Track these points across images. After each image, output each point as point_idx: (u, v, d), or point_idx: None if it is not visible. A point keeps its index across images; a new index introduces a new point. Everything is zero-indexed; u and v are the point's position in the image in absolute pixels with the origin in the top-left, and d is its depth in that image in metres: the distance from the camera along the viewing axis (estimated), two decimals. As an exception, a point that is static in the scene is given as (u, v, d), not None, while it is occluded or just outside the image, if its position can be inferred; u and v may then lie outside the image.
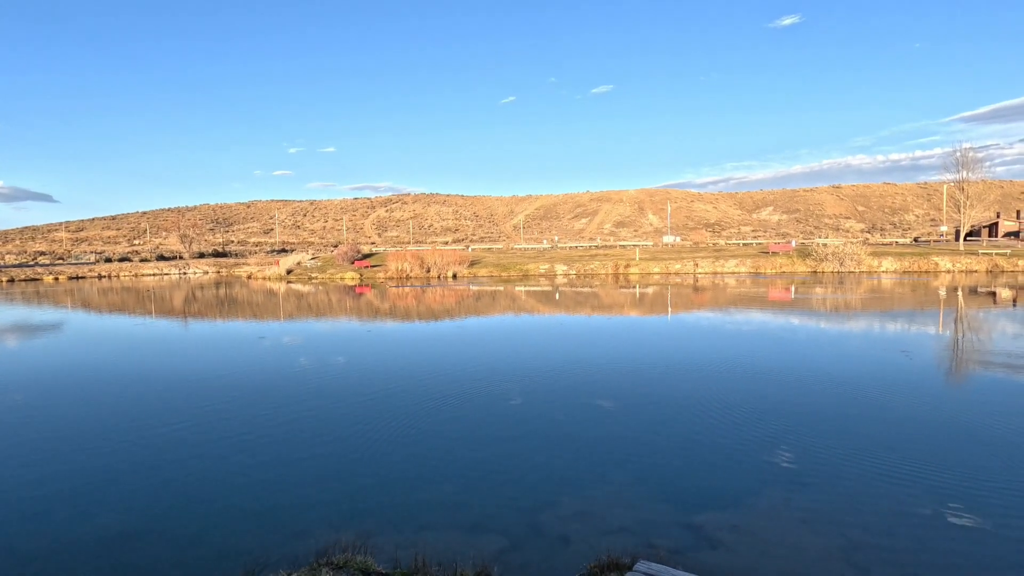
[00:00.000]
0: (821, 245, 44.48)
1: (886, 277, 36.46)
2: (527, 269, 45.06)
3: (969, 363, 12.48)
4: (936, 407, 9.02)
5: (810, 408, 9.02)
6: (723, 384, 10.57)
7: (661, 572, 3.65)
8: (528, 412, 9.09)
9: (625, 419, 8.64)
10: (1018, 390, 9.92)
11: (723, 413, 8.77)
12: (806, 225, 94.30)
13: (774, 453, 7.06)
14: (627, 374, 11.55)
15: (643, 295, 29.33)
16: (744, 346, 14.44)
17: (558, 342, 16.10)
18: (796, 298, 26.06)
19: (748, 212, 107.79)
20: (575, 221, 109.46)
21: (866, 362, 12.38)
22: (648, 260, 45.79)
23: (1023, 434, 7.65)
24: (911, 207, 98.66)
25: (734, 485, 6.16)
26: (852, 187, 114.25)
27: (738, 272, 41.89)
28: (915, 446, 7.27)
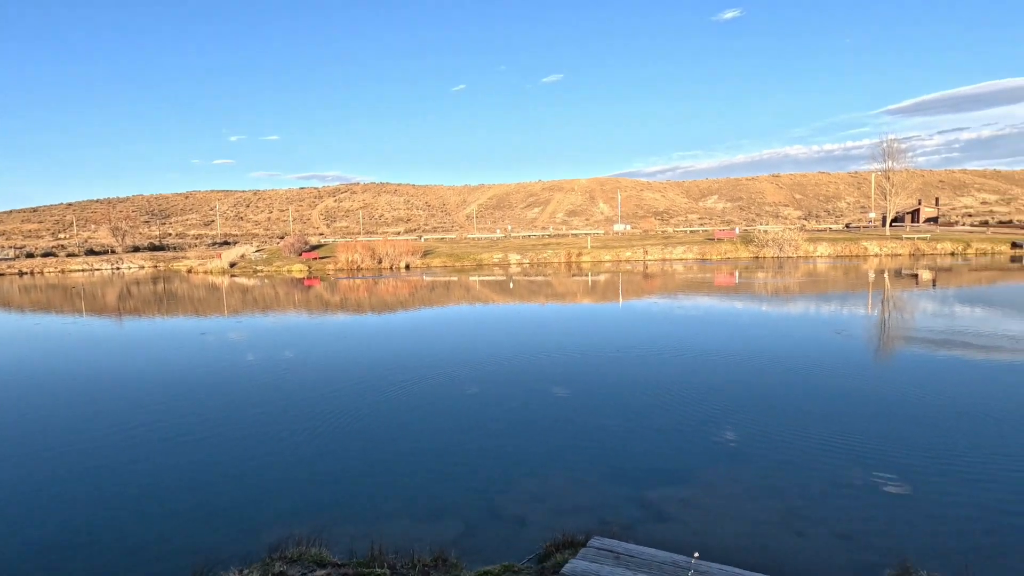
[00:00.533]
0: (762, 232, 46.44)
1: (821, 261, 38.49)
2: (481, 259, 44.98)
3: (895, 340, 13.38)
4: (867, 382, 9.64)
5: (753, 387, 9.46)
6: (673, 367, 10.95)
7: (614, 546, 3.77)
8: (485, 400, 9.12)
9: (580, 403, 8.81)
10: (939, 365, 10.74)
11: (673, 394, 9.08)
12: (749, 213, 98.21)
13: (720, 430, 7.38)
14: (581, 360, 11.76)
15: (595, 283, 29.84)
16: (692, 330, 14.97)
17: (513, 331, 16.20)
18: (740, 283, 27.15)
19: (695, 200, 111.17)
20: (528, 210, 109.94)
21: (804, 342, 13.07)
22: (600, 248, 46.57)
23: (945, 405, 8.30)
24: (843, 195, 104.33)
25: (683, 462, 6.41)
26: (790, 176, 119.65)
27: (686, 259, 43.23)
28: (848, 419, 7.75)
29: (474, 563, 3.89)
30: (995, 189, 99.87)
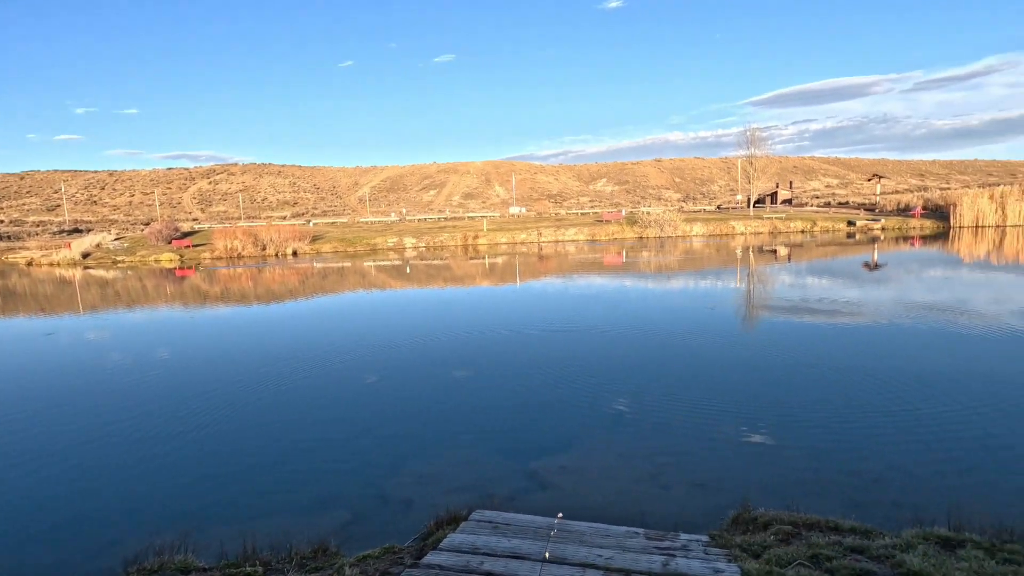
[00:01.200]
0: (645, 213, 49.48)
1: (697, 240, 41.88)
2: (375, 243, 43.64)
3: (759, 310, 14.97)
4: (733, 348, 10.73)
5: (635, 358, 10.17)
6: (565, 343, 11.44)
7: (495, 517, 3.91)
8: (381, 388, 8.96)
9: (477, 384, 8.95)
10: (796, 330, 12.20)
11: (561, 370, 9.51)
12: (634, 195, 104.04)
13: (603, 400, 7.87)
14: (481, 343, 11.90)
15: (493, 265, 30.18)
16: (583, 308, 15.69)
17: (412, 316, 15.99)
18: (627, 262, 28.81)
19: (585, 184, 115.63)
20: (423, 193, 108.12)
21: (682, 314, 14.23)
22: (495, 231, 47.06)
23: (801, 367, 9.45)
24: (716, 178, 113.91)
25: (565, 433, 6.77)
26: (670, 161, 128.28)
27: (577, 240, 44.99)
28: (717, 382, 8.60)
29: (358, 550, 3.86)
30: (836, 174, 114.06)
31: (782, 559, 3.25)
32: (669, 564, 3.14)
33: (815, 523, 3.97)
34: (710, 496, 5.08)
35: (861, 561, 3.21)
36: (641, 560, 3.19)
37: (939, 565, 3.06)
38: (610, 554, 3.24)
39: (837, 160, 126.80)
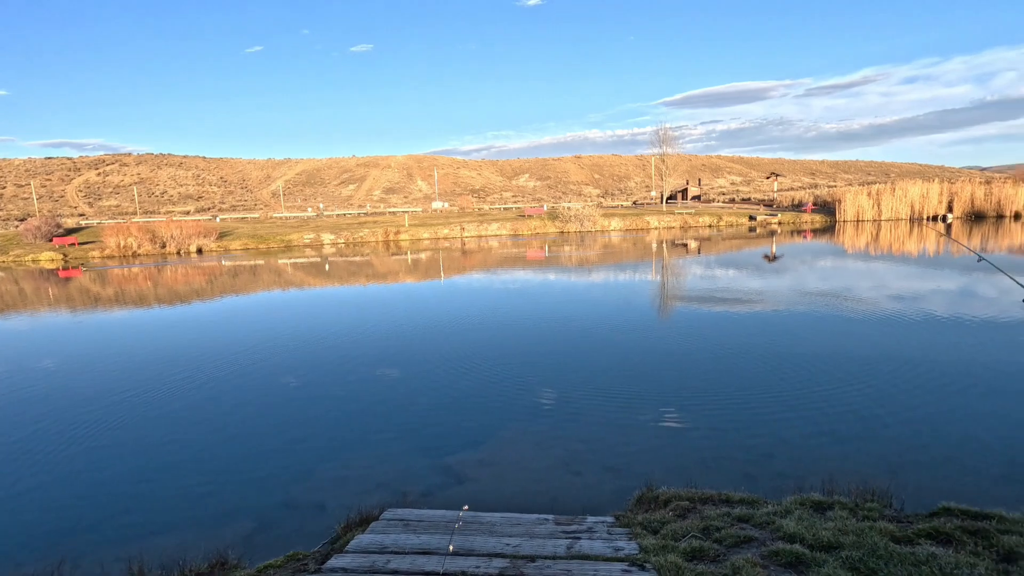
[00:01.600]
0: (566, 209, 50.65)
1: (615, 234, 43.45)
2: (290, 239, 41.67)
3: (672, 300, 15.77)
4: (648, 337, 11.25)
5: (555, 351, 10.41)
6: (486, 338, 11.50)
7: (407, 515, 3.89)
8: (301, 390, 8.60)
9: (399, 383, 8.80)
10: (704, 318, 12.96)
11: (484, 364, 9.56)
12: (556, 191, 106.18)
13: (521, 392, 8.01)
14: (404, 340, 11.70)
15: (416, 261, 29.73)
16: (506, 302, 15.83)
17: (332, 315, 15.43)
18: (549, 256, 29.37)
19: (508, 179, 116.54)
20: (342, 187, 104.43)
21: (601, 307, 14.71)
22: (418, 226, 46.39)
23: (707, 352, 10.05)
24: (632, 175, 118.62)
25: (485, 426, 6.83)
26: (590, 157, 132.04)
27: (500, 235, 45.29)
28: (631, 370, 8.99)
29: (261, 560, 3.69)
30: (740, 172, 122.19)
31: (677, 533, 3.47)
32: (573, 547, 3.27)
33: (709, 497, 4.27)
34: (619, 479, 5.32)
35: (746, 529, 3.49)
36: (547, 545, 3.29)
37: (810, 526, 3.39)
38: (517, 542, 3.32)
39: (740, 159, 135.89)
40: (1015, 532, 3.34)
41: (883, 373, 8.27)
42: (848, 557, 3.00)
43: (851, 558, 2.98)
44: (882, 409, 6.89)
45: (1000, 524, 3.50)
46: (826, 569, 2.87)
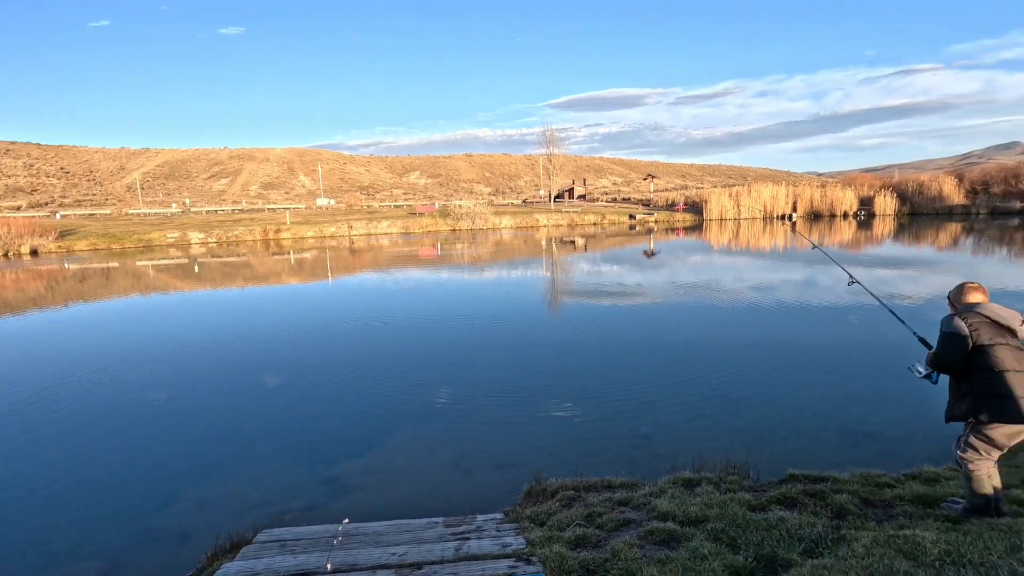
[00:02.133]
0: (458, 206, 50.61)
1: (506, 232, 44.18)
2: (150, 239, 37.44)
3: (561, 295, 16.31)
4: (539, 332, 11.52)
5: (448, 350, 10.32)
6: (377, 340, 11.11)
7: (283, 534, 3.63)
8: (170, 406, 7.69)
9: (281, 392, 8.21)
10: (591, 312, 13.53)
11: (373, 367, 9.23)
12: (447, 189, 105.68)
13: (412, 396, 7.83)
14: (288, 345, 10.93)
15: (300, 261, 28.06)
16: (398, 302, 15.42)
17: (207, 321, 14.03)
18: (441, 254, 29.13)
19: (398, 176, 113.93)
20: (213, 182, 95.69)
21: (493, 304, 14.84)
22: (301, 224, 43.85)
23: (594, 344, 10.48)
24: (522, 174, 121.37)
25: (372, 433, 6.59)
26: (480, 156, 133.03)
27: (391, 233, 44.17)
28: (522, 366, 9.14)
29: (110, 604, 3.24)
30: (621, 173, 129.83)
31: (562, 523, 3.58)
32: (462, 548, 3.24)
33: (593, 484, 4.46)
34: (510, 474, 5.39)
35: (625, 512, 3.69)
36: (435, 550, 3.23)
37: (681, 503, 3.66)
38: (404, 550, 3.22)
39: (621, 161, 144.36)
40: (844, 491, 3.86)
41: (745, 357, 9.19)
42: (712, 529, 3.27)
43: (715, 529, 3.26)
44: (744, 389, 7.65)
45: (833, 485, 4.03)
46: (694, 542, 3.10)
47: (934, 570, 2.55)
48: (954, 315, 3.20)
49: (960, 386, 3.17)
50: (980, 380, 3.06)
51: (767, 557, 2.94)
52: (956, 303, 3.33)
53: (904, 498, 3.72)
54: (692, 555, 2.96)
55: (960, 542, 2.78)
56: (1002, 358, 3.03)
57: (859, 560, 2.71)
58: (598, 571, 2.91)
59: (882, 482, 4.14)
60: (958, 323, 3.12)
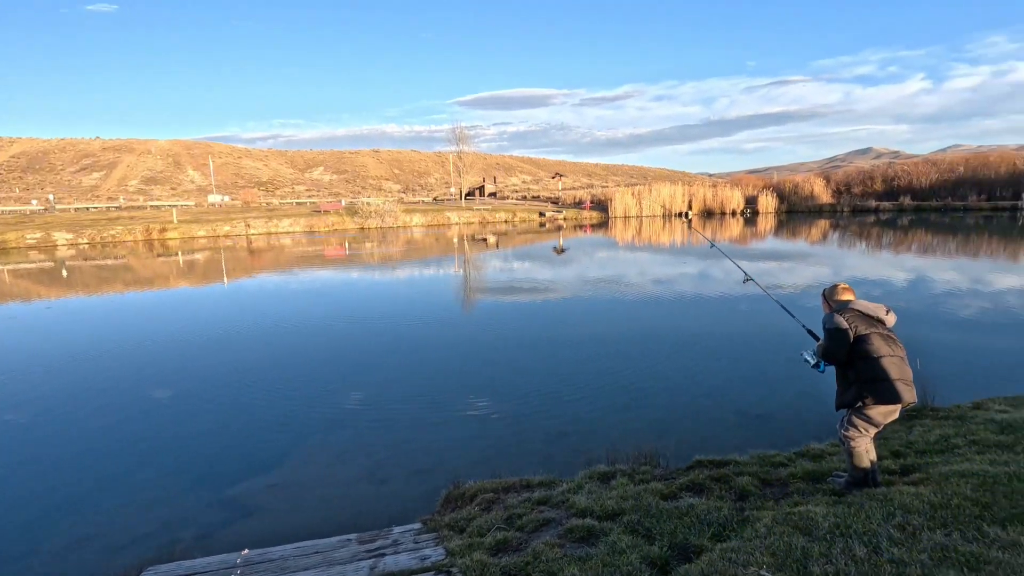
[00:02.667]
0: (366, 204, 49.00)
1: (417, 230, 43.40)
2: (4, 240, 32.77)
3: (475, 293, 16.21)
4: (452, 331, 11.35)
5: (357, 354, 9.88)
6: (279, 348, 10.40)
7: (173, 570, 3.26)
8: (35, 431, 6.65)
9: (172, 407, 7.42)
10: (505, 309, 13.53)
11: (273, 376, 8.62)
12: (354, 185, 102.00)
13: (320, 405, 7.40)
14: (180, 355, 9.93)
15: (191, 263, 25.79)
16: (302, 305, 14.57)
17: (82, 330, 12.40)
18: (350, 254, 28.00)
19: (301, 171, 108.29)
20: (84, 175, 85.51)
21: (405, 304, 14.44)
22: (191, 222, 40.35)
23: (509, 341, 10.47)
24: (432, 171, 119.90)
25: (276, 447, 6.15)
26: (389, 152, 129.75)
27: (293, 232, 41.87)
28: (437, 367, 8.94)
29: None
30: (530, 172, 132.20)
31: (482, 528, 3.50)
32: (377, 566, 3.07)
33: (512, 485, 4.43)
34: (428, 480, 5.23)
35: (545, 511, 3.69)
36: (347, 571, 3.03)
37: (598, 498, 3.72)
38: (312, 575, 3.00)
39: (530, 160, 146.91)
40: (745, 473, 4.11)
41: (651, 348, 9.63)
42: (629, 521, 3.34)
43: (631, 522, 3.33)
44: (651, 380, 8.00)
45: (735, 468, 4.28)
46: (612, 537, 3.15)
47: (826, 543, 2.75)
48: (834, 313, 3.51)
49: (846, 375, 3.48)
50: (861, 367, 3.38)
51: (680, 545, 3.04)
52: (830, 300, 3.67)
53: (796, 475, 4.03)
54: (611, 550, 3.00)
55: (846, 514, 3.03)
56: (877, 346, 3.37)
57: (762, 540, 2.87)
58: (519, 575, 2.87)
59: (776, 461, 4.47)
60: (839, 319, 3.44)
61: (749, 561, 2.63)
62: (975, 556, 2.51)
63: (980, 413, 5.31)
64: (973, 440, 4.38)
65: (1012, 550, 2.56)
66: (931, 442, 4.53)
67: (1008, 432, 4.53)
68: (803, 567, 2.55)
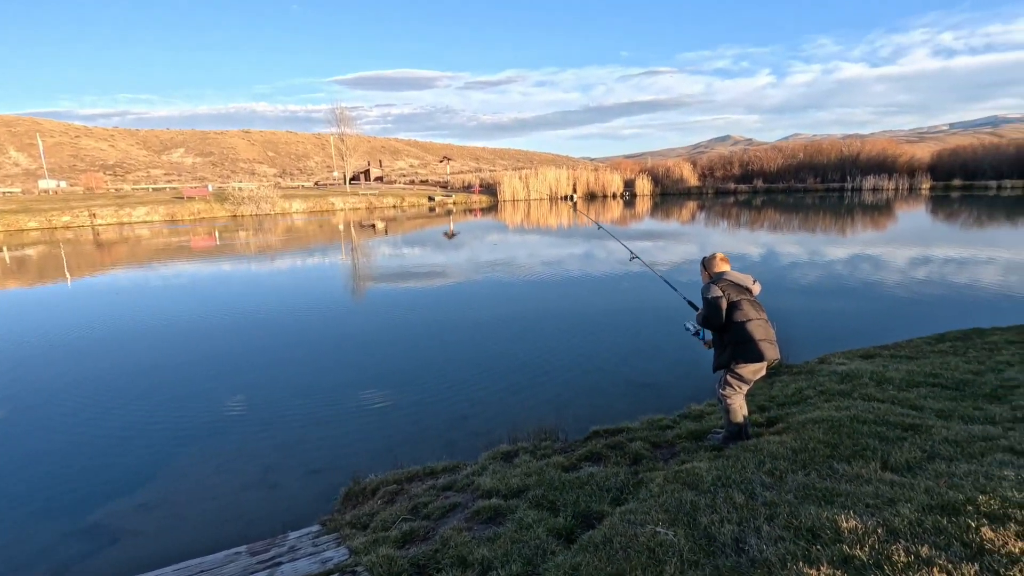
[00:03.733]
0: (238, 189, 45.09)
1: (298, 217, 40.79)
2: None
3: (365, 281, 15.58)
4: (344, 322, 10.82)
5: (238, 352, 9.09)
6: (141, 350, 9.26)
7: (20, 618, 2.79)
8: None
9: (11, 422, 6.29)
10: (397, 296, 13.15)
11: (138, 383, 7.67)
12: (223, 169, 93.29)
13: (196, 409, 6.74)
14: (14, 365, 8.43)
15: (20, 259, 22.10)
16: (167, 302, 13.08)
17: None
18: (222, 244, 25.64)
19: (157, 153, 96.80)
20: None
21: (290, 295, 13.50)
22: (17, 212, 34.56)
23: (402, 329, 10.18)
24: (311, 155, 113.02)
25: (145, 461, 5.50)
26: (261, 133, 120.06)
27: (151, 221, 37.49)
28: (328, 361, 8.48)
29: None
30: (417, 155, 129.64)
31: (387, 522, 3.40)
32: (275, 577, 2.86)
33: (416, 474, 4.35)
34: (325, 479, 4.98)
35: (451, 496, 3.67)
36: (241, 587, 2.79)
37: (502, 477, 3.77)
38: (200, 597, 2.72)
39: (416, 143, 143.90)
40: (637, 439, 4.39)
41: (544, 327, 9.91)
42: (534, 496, 3.42)
43: (536, 497, 3.42)
44: (546, 357, 8.24)
45: (628, 434, 4.55)
46: (518, 513, 3.21)
47: (710, 495, 3.01)
48: (711, 283, 3.84)
49: (722, 339, 3.83)
50: (733, 330, 3.74)
51: (583, 513, 3.17)
52: (709, 269, 4.01)
53: (682, 436, 4.38)
54: (518, 526, 3.05)
55: (726, 467, 3.35)
56: (746, 311, 3.75)
57: (656, 499, 3.08)
58: (429, 565, 2.83)
59: (664, 425, 4.82)
60: (715, 289, 3.78)
61: (646, 520, 2.81)
62: (829, 491, 2.88)
63: (824, 367, 6.12)
64: (821, 391, 5.04)
65: (856, 482, 2.97)
66: (789, 395, 5.15)
67: (847, 381, 5.26)
68: (693, 519, 2.77)
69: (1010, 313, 9.80)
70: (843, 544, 2.30)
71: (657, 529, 2.72)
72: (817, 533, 2.43)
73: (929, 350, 6.69)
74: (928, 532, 2.34)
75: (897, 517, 2.47)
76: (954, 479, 2.87)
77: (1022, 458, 3.02)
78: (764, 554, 2.34)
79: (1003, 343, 6.71)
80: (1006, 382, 4.88)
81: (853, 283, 13.29)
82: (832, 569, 2.14)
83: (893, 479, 2.95)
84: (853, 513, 2.55)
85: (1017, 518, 2.36)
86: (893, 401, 4.46)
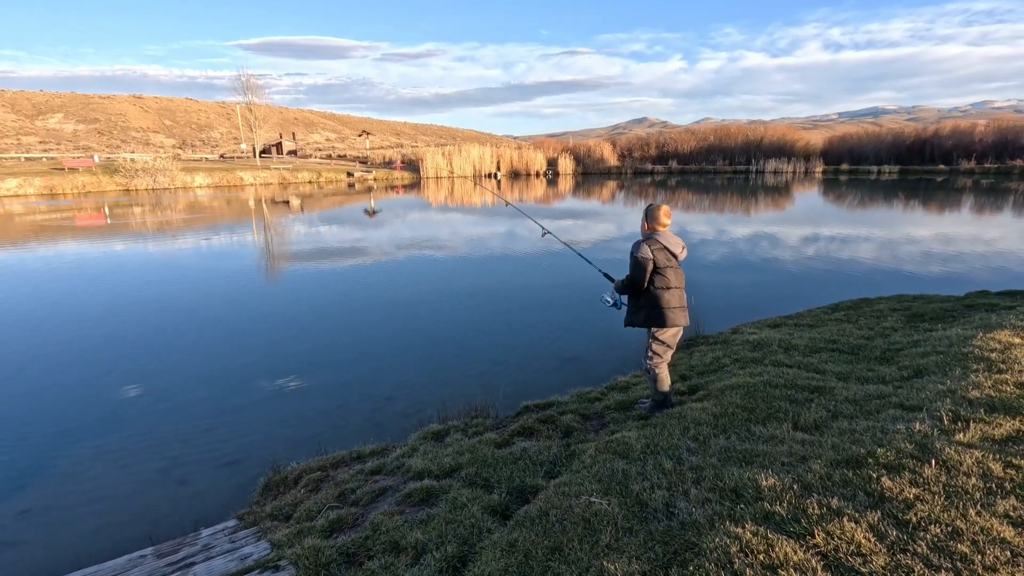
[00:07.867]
0: (130, 160, 40.93)
1: (201, 192, 37.74)
2: None
3: (280, 261, 14.68)
4: (257, 305, 10.13)
5: (135, 337, 8.27)
6: (19, 339, 8.19)
7: None
8: None
9: None
10: (315, 276, 12.49)
11: (17, 375, 6.79)
12: (111, 138, 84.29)
13: (88, 400, 6.07)
14: None
15: None
16: (49, 286, 11.65)
17: None
18: (113, 222, 23.21)
19: (30, 119, 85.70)
20: None
21: (195, 276, 12.46)
22: None
23: (322, 310, 9.68)
24: (216, 125, 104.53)
25: (26, 462, 4.89)
26: (156, 99, 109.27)
27: (25, 195, 33.30)
28: (240, 345, 7.92)
29: None
30: (334, 129, 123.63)
31: (312, 511, 3.22)
32: (186, 579, 2.62)
33: (342, 459, 4.16)
34: (240, 472, 4.65)
35: (380, 480, 3.53)
36: (146, 594, 2.53)
37: (434, 458, 3.68)
38: (97, 610, 2.44)
39: (333, 116, 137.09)
40: (568, 412, 4.44)
41: (469, 305, 9.82)
42: (467, 475, 3.36)
43: (470, 475, 3.36)
44: (474, 335, 8.18)
45: (559, 408, 4.59)
46: (452, 493, 3.14)
47: (640, 463, 3.09)
48: (641, 242, 3.89)
49: (639, 300, 3.92)
50: (651, 295, 3.84)
51: (518, 488, 3.16)
52: (649, 221, 4.00)
53: (610, 407, 4.49)
54: (452, 506, 2.99)
55: (653, 435, 3.45)
56: (669, 278, 3.86)
57: (588, 470, 3.12)
58: (360, 553, 2.70)
59: (592, 397, 4.92)
60: (645, 249, 3.83)
61: (580, 491, 2.83)
62: (749, 452, 3.04)
63: (738, 336, 6.50)
64: (736, 359, 5.34)
65: (772, 443, 3.16)
66: (707, 364, 5.41)
67: (758, 349, 5.61)
68: (625, 487, 2.82)
69: (890, 283, 10.92)
70: (764, 501, 2.42)
71: (591, 499, 2.75)
72: (740, 493, 2.55)
73: (827, 318, 7.28)
74: (837, 485, 2.52)
75: (809, 473, 2.64)
76: (855, 435, 3.12)
77: (911, 413, 3.33)
78: (693, 516, 2.42)
79: (887, 311, 7.44)
80: (892, 345, 5.40)
81: (758, 258, 14.25)
82: (755, 526, 2.25)
83: (804, 438, 3.16)
84: (771, 472, 2.70)
85: (910, 467, 2.59)
86: (799, 366, 4.81)
